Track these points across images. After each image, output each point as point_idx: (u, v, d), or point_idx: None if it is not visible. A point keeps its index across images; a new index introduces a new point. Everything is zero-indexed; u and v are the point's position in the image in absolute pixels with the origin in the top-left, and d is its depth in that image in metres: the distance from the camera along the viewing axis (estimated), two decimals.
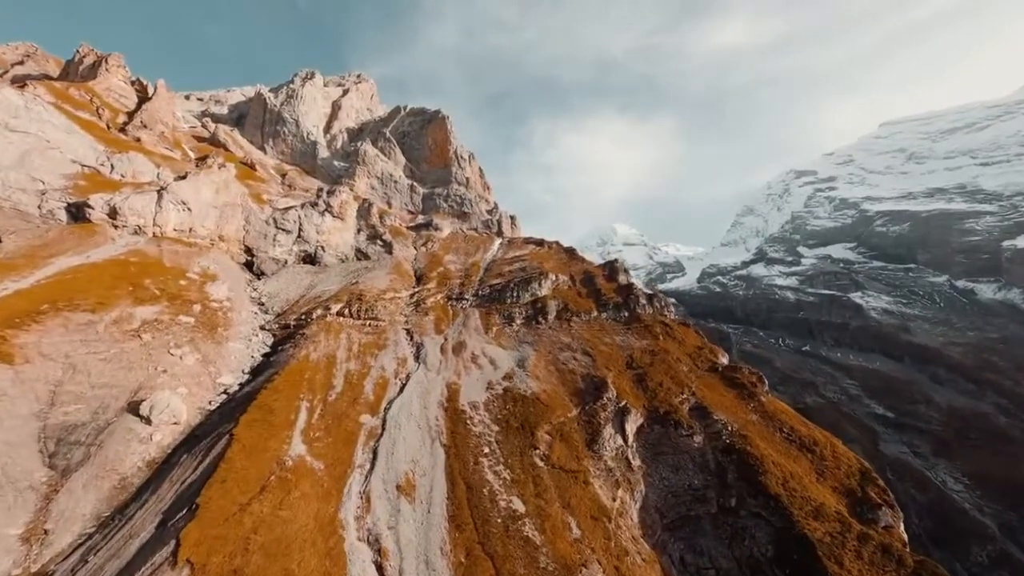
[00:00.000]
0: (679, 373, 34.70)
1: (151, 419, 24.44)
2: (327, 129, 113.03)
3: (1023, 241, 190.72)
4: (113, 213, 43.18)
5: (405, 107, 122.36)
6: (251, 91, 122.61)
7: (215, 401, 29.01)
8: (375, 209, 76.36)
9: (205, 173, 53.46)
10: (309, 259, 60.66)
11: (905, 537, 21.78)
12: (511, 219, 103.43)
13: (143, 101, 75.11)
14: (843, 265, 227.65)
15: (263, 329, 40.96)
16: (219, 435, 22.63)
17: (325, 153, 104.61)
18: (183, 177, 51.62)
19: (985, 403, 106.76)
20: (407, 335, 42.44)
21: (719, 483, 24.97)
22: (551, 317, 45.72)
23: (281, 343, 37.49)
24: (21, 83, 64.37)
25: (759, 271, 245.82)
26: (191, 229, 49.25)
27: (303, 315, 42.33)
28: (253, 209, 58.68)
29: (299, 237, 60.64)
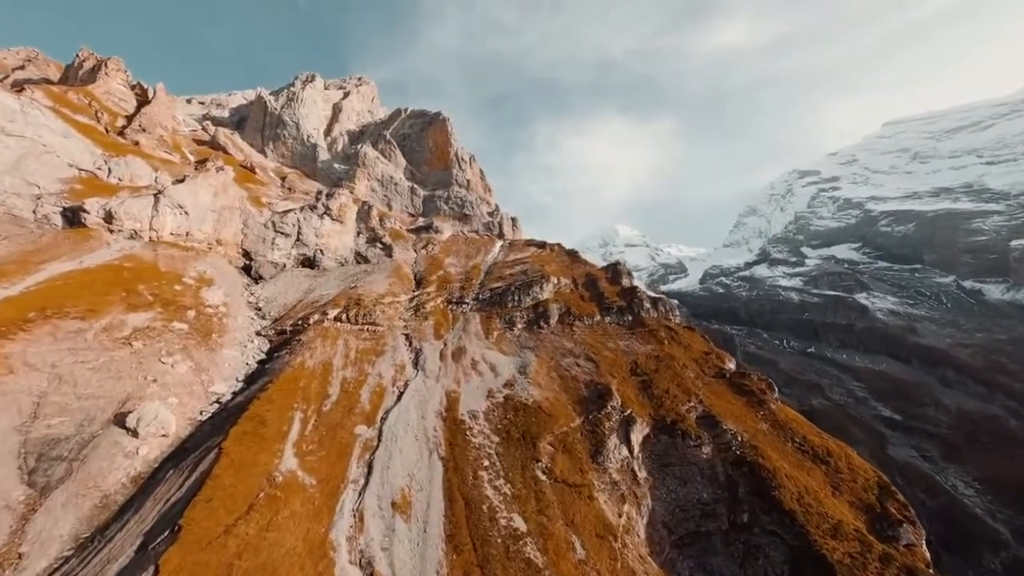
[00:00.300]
0: (685, 380, 33.61)
1: (138, 431, 23.52)
2: (327, 132, 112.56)
3: None
4: (109, 217, 42.44)
5: (406, 109, 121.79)
6: (252, 94, 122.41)
7: (207, 411, 28.06)
8: (375, 212, 75.61)
9: (203, 176, 52.73)
10: (308, 263, 59.87)
11: (928, 556, 20.65)
12: (512, 221, 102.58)
13: (142, 105, 74.58)
14: (848, 266, 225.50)
15: (259, 335, 40.06)
16: (208, 449, 21.72)
17: (325, 156, 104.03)
18: (181, 180, 50.92)
19: (995, 406, 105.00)
20: (406, 340, 41.47)
21: (730, 497, 23.88)
22: (553, 321, 44.69)
23: (277, 349, 36.59)
24: (20, 87, 64.01)
25: (762, 272, 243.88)
26: (188, 233, 48.50)
27: (300, 320, 41.42)
28: (252, 212, 57.94)
29: (298, 240, 59.85)
